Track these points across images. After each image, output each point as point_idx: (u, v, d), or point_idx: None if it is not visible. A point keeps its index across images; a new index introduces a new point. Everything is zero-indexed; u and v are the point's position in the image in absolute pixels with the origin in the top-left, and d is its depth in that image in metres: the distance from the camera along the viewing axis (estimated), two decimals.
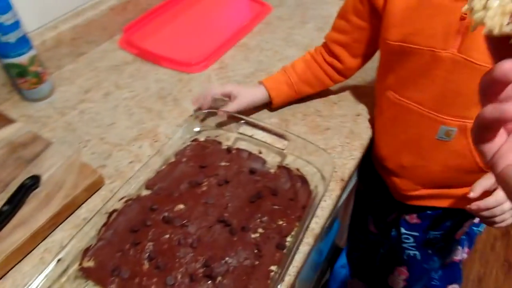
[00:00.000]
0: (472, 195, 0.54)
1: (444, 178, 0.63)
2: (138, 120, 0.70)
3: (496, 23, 0.24)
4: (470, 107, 0.54)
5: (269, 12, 0.97)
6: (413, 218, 0.70)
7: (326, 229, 0.84)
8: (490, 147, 0.25)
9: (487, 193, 0.55)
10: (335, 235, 1.04)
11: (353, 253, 1.01)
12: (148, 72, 0.80)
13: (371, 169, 0.74)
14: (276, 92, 0.68)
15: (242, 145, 0.62)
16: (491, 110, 0.25)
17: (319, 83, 0.70)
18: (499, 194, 0.53)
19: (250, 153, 0.59)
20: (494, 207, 0.53)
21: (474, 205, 0.54)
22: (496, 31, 0.24)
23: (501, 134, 0.25)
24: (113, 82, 0.78)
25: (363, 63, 0.68)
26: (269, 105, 0.70)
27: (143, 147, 0.65)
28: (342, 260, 1.13)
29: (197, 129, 0.63)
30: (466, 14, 0.48)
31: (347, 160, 0.62)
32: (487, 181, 0.55)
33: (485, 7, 0.25)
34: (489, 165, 0.25)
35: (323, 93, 0.73)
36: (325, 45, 0.69)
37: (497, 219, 0.55)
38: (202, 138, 0.61)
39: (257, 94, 0.68)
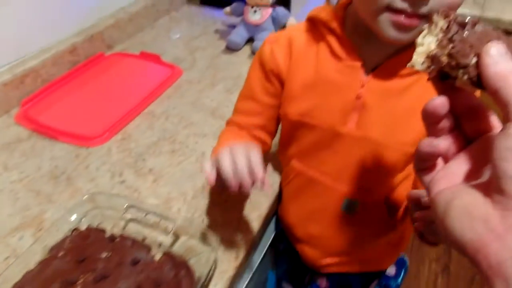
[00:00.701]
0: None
1: (350, 246, 0.62)
2: (23, 206, 0.64)
3: (417, 60, 0.28)
4: (372, 181, 0.55)
5: (179, 75, 0.97)
6: (323, 282, 0.69)
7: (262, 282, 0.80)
8: (428, 175, 0.28)
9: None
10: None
11: None
12: (44, 149, 0.75)
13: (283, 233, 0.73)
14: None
15: (131, 229, 0.58)
16: (424, 144, 0.28)
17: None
18: None
19: (134, 241, 0.54)
20: None
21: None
22: (415, 67, 0.28)
23: (439, 164, 0.29)
24: (1, 163, 0.72)
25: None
26: None
27: (24, 238, 0.59)
28: None
29: (76, 216, 0.57)
30: (361, 94, 0.49)
31: (243, 235, 0.60)
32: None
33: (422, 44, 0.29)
34: (426, 190, 0.29)
35: None
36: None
37: None
38: (84, 227, 0.57)
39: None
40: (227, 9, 1.11)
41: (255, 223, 0.62)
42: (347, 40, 0.49)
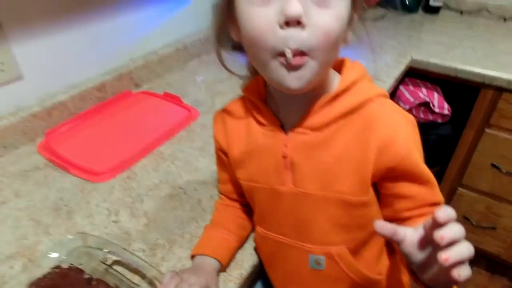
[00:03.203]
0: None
1: None
2: (22, 235, 0.67)
3: None
4: (326, 234, 0.54)
5: (195, 118, 1.00)
6: None
7: None
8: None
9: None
10: None
11: None
12: (55, 180, 0.80)
13: None
14: (222, 253, 0.61)
15: (110, 272, 0.59)
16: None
17: (248, 222, 0.67)
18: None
19: (108, 287, 0.55)
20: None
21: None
22: None
23: None
24: (14, 190, 0.77)
25: None
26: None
27: (14, 267, 0.62)
28: None
29: (57, 254, 0.59)
30: (286, 154, 0.51)
31: None
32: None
33: None
34: None
35: (210, 209, 0.71)
36: (225, 196, 0.69)
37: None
38: (66, 265, 0.58)
39: (213, 271, 0.58)
40: None
41: (232, 284, 0.60)
42: (265, 108, 0.53)
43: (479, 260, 1.65)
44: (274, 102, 0.53)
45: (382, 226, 0.40)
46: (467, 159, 1.39)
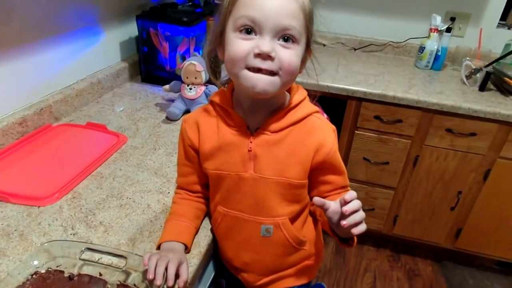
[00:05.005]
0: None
1: (276, 264, 0.80)
2: None
3: None
4: (275, 208, 0.73)
5: (124, 142, 1.10)
6: None
7: None
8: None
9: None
10: None
11: None
12: None
13: (223, 271, 0.87)
14: (187, 238, 0.74)
15: (87, 270, 0.66)
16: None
17: (202, 212, 0.82)
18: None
19: (91, 277, 0.63)
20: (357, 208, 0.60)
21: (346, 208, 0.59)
22: None
23: None
24: None
25: None
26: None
27: None
28: None
29: (36, 262, 0.65)
30: (251, 148, 0.68)
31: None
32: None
33: None
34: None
35: (160, 210, 0.84)
36: (183, 188, 0.82)
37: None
38: (43, 270, 0.64)
39: (182, 251, 0.71)
40: (166, 86, 1.30)
41: (196, 259, 0.73)
42: (234, 113, 0.69)
43: (366, 239, 2.02)
44: (241, 109, 0.69)
45: (318, 199, 0.63)
46: (346, 157, 1.76)
